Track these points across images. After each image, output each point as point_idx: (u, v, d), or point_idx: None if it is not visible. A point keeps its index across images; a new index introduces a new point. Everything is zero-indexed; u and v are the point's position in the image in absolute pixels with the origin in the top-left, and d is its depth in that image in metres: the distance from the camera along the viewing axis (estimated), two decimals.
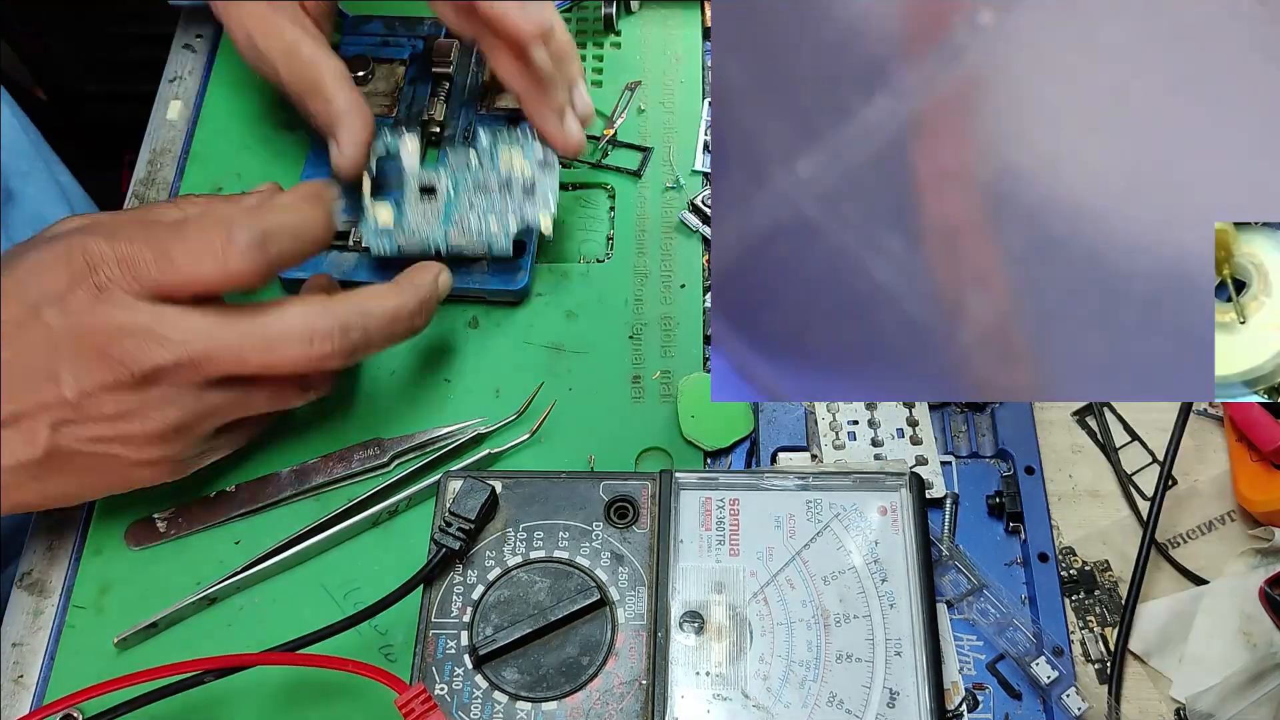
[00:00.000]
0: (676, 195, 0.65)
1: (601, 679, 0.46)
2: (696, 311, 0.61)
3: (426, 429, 0.57)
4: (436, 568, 0.48)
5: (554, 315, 0.61)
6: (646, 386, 0.58)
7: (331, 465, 0.56)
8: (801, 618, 0.47)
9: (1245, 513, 0.53)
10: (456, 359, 0.60)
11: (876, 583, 0.48)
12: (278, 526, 0.55)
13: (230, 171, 0.67)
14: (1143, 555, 0.51)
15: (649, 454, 0.56)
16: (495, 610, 0.47)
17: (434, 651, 0.46)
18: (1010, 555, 0.53)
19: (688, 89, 0.69)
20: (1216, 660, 0.49)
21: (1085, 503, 0.54)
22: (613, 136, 0.67)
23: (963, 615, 0.51)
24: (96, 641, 0.52)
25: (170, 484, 0.51)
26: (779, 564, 0.48)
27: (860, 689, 0.45)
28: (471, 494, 0.48)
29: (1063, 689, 0.48)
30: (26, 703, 0.51)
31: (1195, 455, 0.55)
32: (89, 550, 0.55)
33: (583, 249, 0.63)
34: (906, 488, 0.49)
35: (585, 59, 0.70)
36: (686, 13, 0.71)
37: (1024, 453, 0.54)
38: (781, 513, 0.49)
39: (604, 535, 0.49)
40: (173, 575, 0.54)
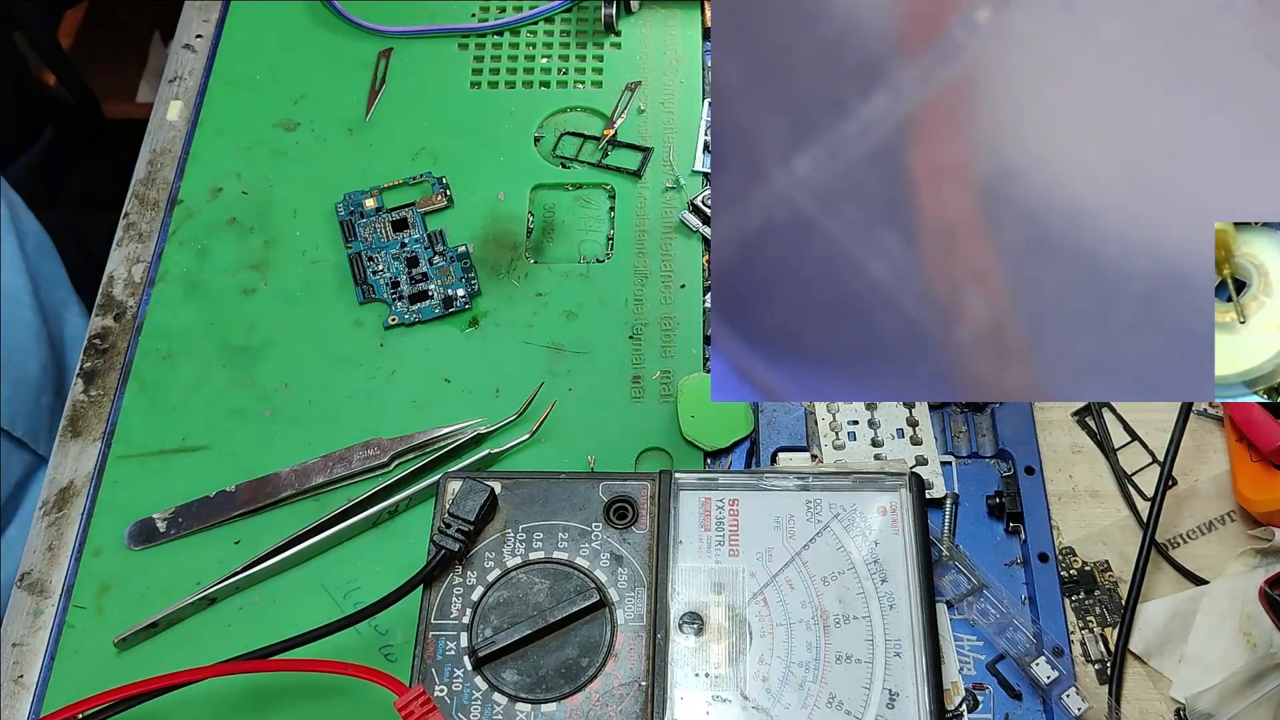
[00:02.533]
0: (676, 195, 0.64)
1: (601, 680, 0.46)
2: (696, 311, 0.61)
3: (426, 429, 0.57)
4: (436, 569, 0.48)
5: (554, 315, 0.61)
6: (646, 386, 0.58)
7: (331, 465, 0.56)
8: (801, 618, 0.47)
9: (1245, 513, 0.53)
10: (456, 359, 0.60)
11: (876, 583, 0.47)
12: (278, 526, 0.55)
13: (230, 171, 0.67)
14: (1143, 555, 0.51)
15: (649, 454, 0.56)
16: (495, 611, 0.47)
17: (433, 653, 0.46)
18: (1010, 555, 0.53)
19: (688, 89, 0.69)
20: (1216, 660, 0.49)
21: (1085, 503, 0.54)
22: (613, 136, 0.67)
23: (963, 615, 0.51)
24: (96, 641, 0.52)
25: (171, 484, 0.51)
26: (778, 565, 0.48)
27: (860, 690, 0.45)
28: (471, 495, 0.48)
29: (1063, 689, 0.48)
30: (26, 703, 0.51)
31: (1195, 455, 0.55)
32: (89, 550, 0.55)
33: (583, 249, 0.63)
34: (906, 488, 0.49)
35: (585, 59, 0.70)
36: (686, 13, 0.71)
37: (1024, 453, 0.54)
38: (781, 513, 0.49)
39: (603, 536, 0.49)
40: (173, 575, 0.54)
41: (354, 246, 0.63)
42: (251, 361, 0.60)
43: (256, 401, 0.59)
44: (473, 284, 0.61)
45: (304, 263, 0.63)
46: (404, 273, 0.62)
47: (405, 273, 0.62)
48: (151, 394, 0.59)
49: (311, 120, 0.68)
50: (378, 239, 0.63)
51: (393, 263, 0.62)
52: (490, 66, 0.70)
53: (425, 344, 0.60)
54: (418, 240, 0.63)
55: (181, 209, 0.65)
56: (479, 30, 0.71)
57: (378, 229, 0.64)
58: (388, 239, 0.63)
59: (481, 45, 0.71)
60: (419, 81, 0.70)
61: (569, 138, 0.67)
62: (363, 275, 0.62)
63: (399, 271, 0.62)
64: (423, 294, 0.61)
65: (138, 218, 0.66)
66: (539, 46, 0.71)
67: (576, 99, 0.69)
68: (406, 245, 0.63)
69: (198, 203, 0.66)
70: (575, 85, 0.69)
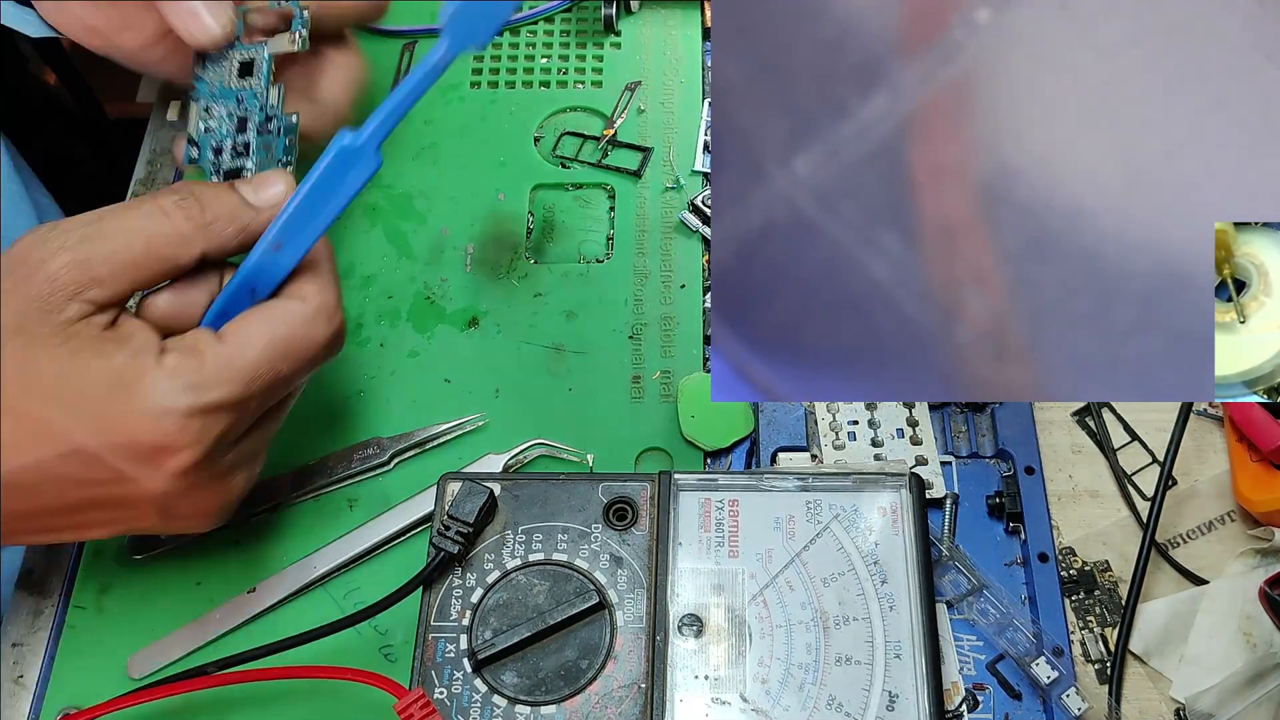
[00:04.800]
0: (676, 195, 0.64)
1: (600, 682, 0.46)
2: (696, 311, 0.60)
3: (426, 426, 0.57)
4: (435, 570, 0.48)
5: (554, 315, 0.61)
6: (646, 386, 0.58)
7: (331, 465, 0.56)
8: (801, 620, 0.47)
9: (1245, 513, 0.53)
10: (456, 359, 0.60)
11: (876, 584, 0.47)
12: (277, 527, 0.55)
13: None
14: (1143, 555, 0.51)
15: (649, 454, 0.56)
16: (494, 613, 0.47)
17: (433, 655, 0.46)
18: (1010, 555, 0.53)
19: (688, 89, 0.68)
20: (1216, 660, 0.49)
21: (1085, 503, 0.54)
22: (613, 137, 0.67)
23: (963, 615, 0.51)
24: (96, 642, 0.52)
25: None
26: (778, 566, 0.48)
27: (859, 692, 0.45)
28: (470, 496, 0.48)
29: (1063, 689, 0.48)
30: (26, 703, 0.51)
31: (1195, 455, 0.55)
32: (89, 550, 0.55)
33: (583, 249, 0.63)
34: (906, 488, 0.49)
35: (585, 59, 0.70)
36: (686, 13, 0.71)
37: (1024, 453, 0.54)
38: (781, 514, 0.49)
39: (603, 537, 0.49)
40: (172, 575, 0.54)
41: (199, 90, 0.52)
42: None
43: None
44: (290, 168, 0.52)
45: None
46: (230, 138, 0.52)
47: (232, 138, 0.52)
48: None
49: None
50: (221, 85, 0.52)
51: (226, 120, 0.52)
52: (490, 66, 0.70)
53: (425, 344, 0.60)
54: (255, 96, 0.52)
55: None
56: None
57: (225, 69, 0.52)
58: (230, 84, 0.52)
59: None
60: None
61: (569, 138, 0.67)
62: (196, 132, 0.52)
63: (226, 135, 0.52)
64: (237, 171, 0.51)
65: None
66: (539, 46, 0.71)
67: (576, 99, 0.69)
68: (243, 101, 0.52)
69: None
70: (575, 85, 0.69)
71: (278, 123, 0.52)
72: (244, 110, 0.52)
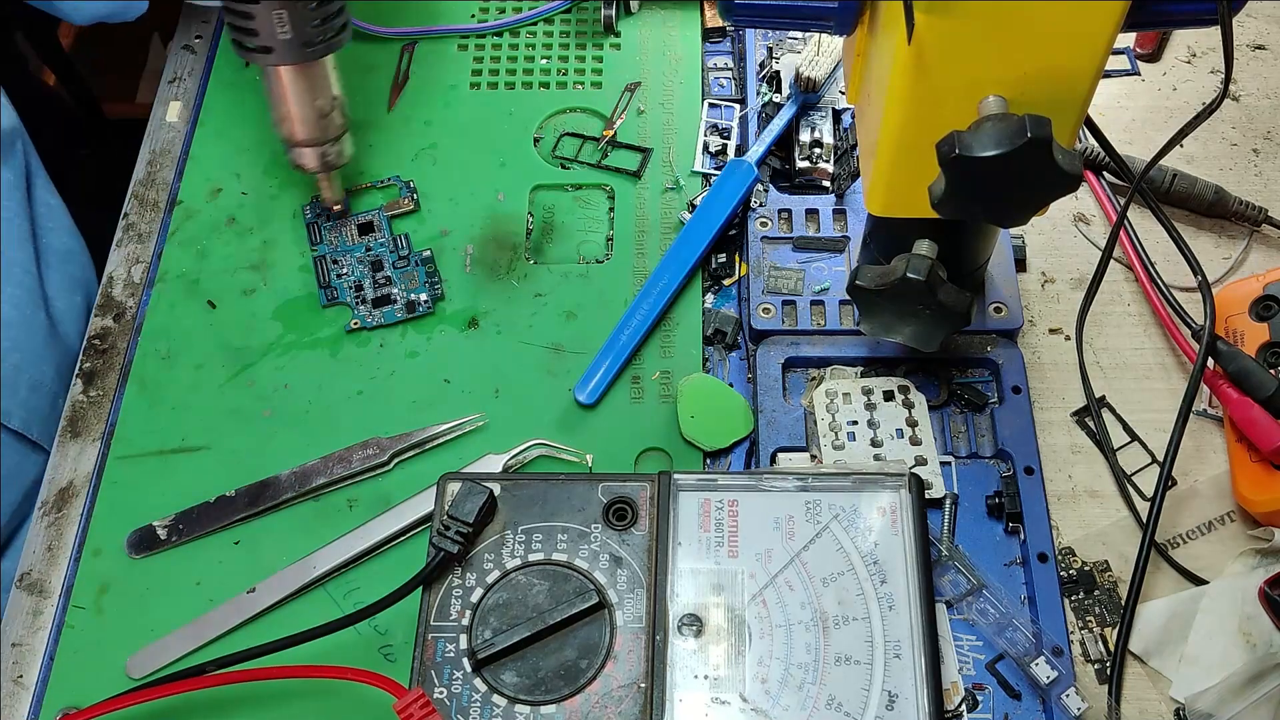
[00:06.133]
0: (676, 196, 0.64)
1: (600, 682, 0.46)
2: (696, 312, 0.60)
3: (425, 426, 0.57)
4: (435, 570, 0.48)
5: (554, 315, 0.61)
6: (646, 387, 0.58)
7: (331, 465, 0.56)
8: (800, 620, 0.47)
9: (1245, 513, 0.53)
10: (456, 359, 0.60)
11: (875, 584, 0.47)
12: (277, 527, 0.55)
13: (229, 171, 0.67)
14: (1142, 555, 0.51)
15: (648, 454, 0.56)
16: (494, 613, 0.47)
17: (433, 655, 0.46)
18: (1010, 555, 0.53)
19: (687, 89, 0.68)
20: (1216, 660, 0.49)
21: (1085, 503, 0.54)
22: (612, 137, 0.67)
23: (962, 615, 0.51)
24: (95, 642, 0.52)
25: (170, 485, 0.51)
26: (778, 566, 0.48)
27: (859, 691, 0.45)
28: (470, 496, 0.48)
29: (1062, 689, 0.48)
30: (26, 703, 0.51)
31: (1195, 455, 0.55)
32: (89, 551, 0.55)
33: (582, 249, 0.63)
34: (906, 488, 0.49)
35: (585, 60, 0.70)
36: (686, 13, 0.71)
37: (1024, 453, 0.54)
38: (780, 514, 0.49)
39: (603, 537, 0.49)
40: (172, 575, 0.54)
41: (319, 249, 0.63)
42: (251, 361, 0.60)
43: (256, 402, 0.59)
44: (436, 288, 0.62)
45: (304, 263, 0.63)
46: (368, 276, 0.62)
47: (370, 276, 0.62)
48: (151, 394, 0.59)
49: None
50: (343, 242, 0.63)
51: (357, 266, 0.63)
52: (490, 67, 0.70)
53: (425, 344, 0.60)
54: (383, 244, 0.63)
55: (181, 209, 0.66)
56: (479, 31, 0.71)
57: (343, 232, 0.64)
58: (353, 242, 0.63)
59: (481, 46, 0.71)
60: (419, 82, 0.70)
61: (568, 138, 0.67)
62: (326, 278, 0.62)
63: (363, 275, 0.62)
64: (386, 298, 0.61)
65: (137, 218, 0.66)
66: (539, 47, 0.71)
67: (576, 99, 0.69)
68: (371, 249, 0.63)
69: (197, 203, 0.66)
70: (575, 86, 0.69)
71: (414, 257, 0.63)
72: (374, 256, 0.63)
